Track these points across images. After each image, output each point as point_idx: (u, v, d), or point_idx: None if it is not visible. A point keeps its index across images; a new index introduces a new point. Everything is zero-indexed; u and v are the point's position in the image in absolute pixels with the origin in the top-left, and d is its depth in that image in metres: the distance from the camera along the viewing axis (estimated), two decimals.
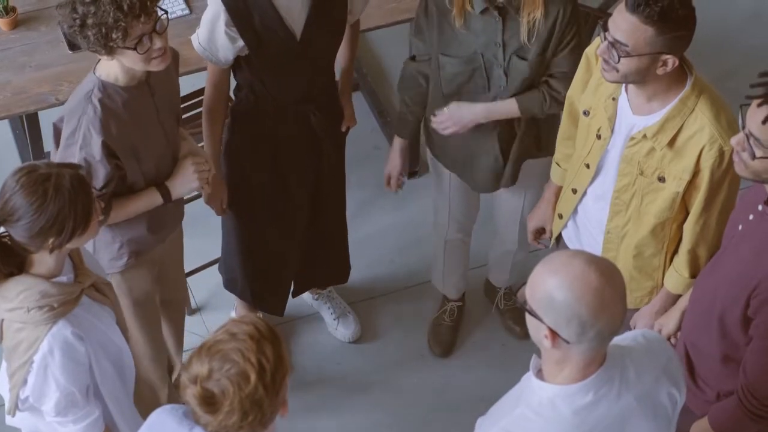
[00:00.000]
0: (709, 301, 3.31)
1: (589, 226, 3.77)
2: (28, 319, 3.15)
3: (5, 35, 4.64)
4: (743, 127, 3.00)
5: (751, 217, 3.19)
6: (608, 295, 2.58)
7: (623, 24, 3.27)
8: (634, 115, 3.47)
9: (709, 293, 3.31)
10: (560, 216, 3.87)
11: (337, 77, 4.21)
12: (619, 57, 3.28)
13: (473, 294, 4.90)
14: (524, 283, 2.71)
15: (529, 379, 2.77)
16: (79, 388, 3.26)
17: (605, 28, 3.32)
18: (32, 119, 4.65)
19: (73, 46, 4.57)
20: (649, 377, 2.81)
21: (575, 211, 3.79)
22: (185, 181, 3.73)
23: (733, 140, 3.04)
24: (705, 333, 3.35)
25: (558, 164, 3.92)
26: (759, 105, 2.93)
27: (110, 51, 3.39)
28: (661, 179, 3.47)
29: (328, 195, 4.36)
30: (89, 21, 3.32)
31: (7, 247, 3.13)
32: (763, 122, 2.92)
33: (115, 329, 3.41)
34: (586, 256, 2.64)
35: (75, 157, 3.49)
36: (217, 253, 4.61)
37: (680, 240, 3.60)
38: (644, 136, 3.43)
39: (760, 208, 3.15)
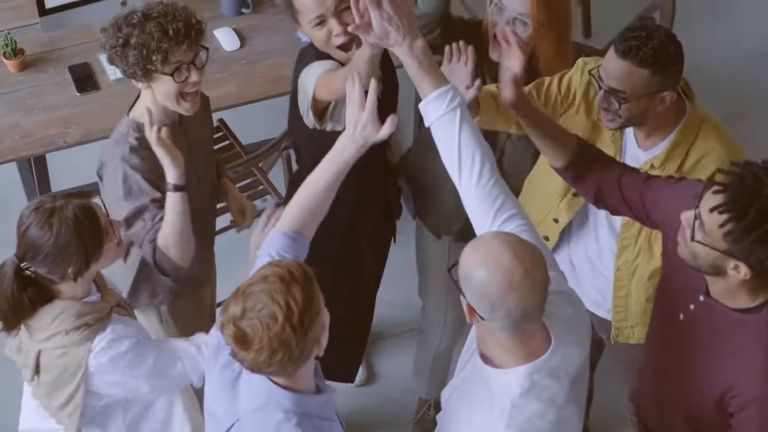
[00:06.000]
0: (673, 395, 3.28)
1: (597, 264, 3.73)
2: (68, 342, 3.22)
3: (14, 77, 4.67)
4: (697, 207, 2.95)
5: (692, 307, 3.14)
6: (517, 278, 2.68)
7: (617, 71, 3.25)
8: (639, 149, 3.47)
9: (673, 387, 3.27)
10: (546, 238, 3.78)
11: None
12: (620, 104, 3.27)
13: None
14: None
15: (485, 371, 2.83)
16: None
17: (597, 78, 3.30)
18: (40, 160, 4.67)
19: (81, 88, 4.59)
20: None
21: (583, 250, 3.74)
22: None
23: (683, 216, 2.99)
24: (670, 425, 3.35)
25: None
26: (715, 192, 2.90)
27: (147, 74, 3.44)
28: None
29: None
30: (132, 41, 3.39)
31: (33, 281, 3.22)
32: (711, 210, 2.88)
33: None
34: (507, 238, 2.74)
35: (125, 211, 3.53)
36: None
37: None
38: (651, 165, 3.42)
39: (701, 298, 3.10)
